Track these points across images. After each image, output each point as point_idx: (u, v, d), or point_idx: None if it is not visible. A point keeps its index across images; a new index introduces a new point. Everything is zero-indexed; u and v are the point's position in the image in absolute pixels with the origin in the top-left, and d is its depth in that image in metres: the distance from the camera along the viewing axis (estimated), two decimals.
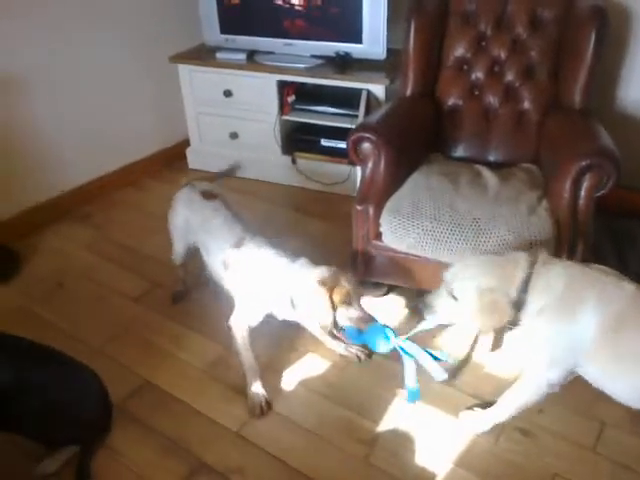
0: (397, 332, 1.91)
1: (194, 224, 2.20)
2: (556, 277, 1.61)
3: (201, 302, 2.50)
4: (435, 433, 1.91)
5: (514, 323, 1.68)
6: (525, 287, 1.62)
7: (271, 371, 2.14)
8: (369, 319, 1.86)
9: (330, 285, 1.81)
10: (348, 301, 1.82)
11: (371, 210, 2.23)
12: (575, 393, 2.02)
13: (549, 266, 1.64)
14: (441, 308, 1.76)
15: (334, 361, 2.18)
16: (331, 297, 1.81)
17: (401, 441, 1.88)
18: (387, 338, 1.88)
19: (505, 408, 1.83)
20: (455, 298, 1.70)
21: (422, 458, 1.82)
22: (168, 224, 2.34)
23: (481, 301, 1.63)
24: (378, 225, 2.20)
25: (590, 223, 2.10)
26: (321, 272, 1.85)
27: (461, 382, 2.08)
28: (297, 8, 3.10)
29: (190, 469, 1.81)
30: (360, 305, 1.87)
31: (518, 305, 1.63)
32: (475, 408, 1.93)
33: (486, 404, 1.92)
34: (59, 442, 1.79)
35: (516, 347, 2.20)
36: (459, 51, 2.64)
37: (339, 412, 1.98)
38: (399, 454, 1.84)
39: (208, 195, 2.23)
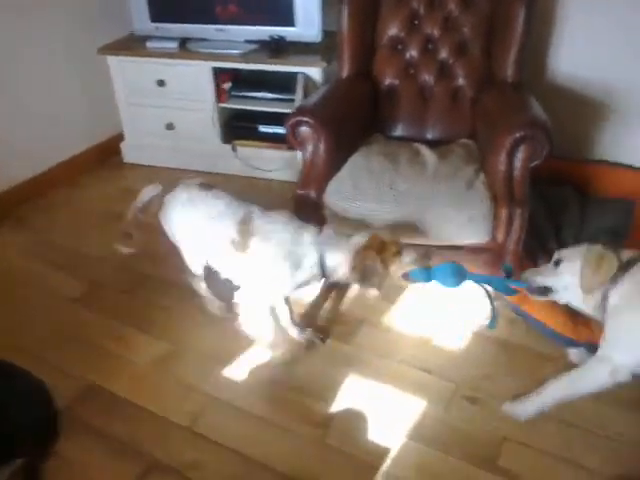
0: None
1: (199, 219, 2.06)
2: None
3: (145, 299, 2.44)
4: (387, 409, 1.93)
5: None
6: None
7: (219, 362, 2.12)
8: (427, 252, 1.90)
9: (376, 247, 1.82)
10: (397, 251, 1.84)
11: (313, 194, 2.22)
12: (520, 359, 2.09)
13: None
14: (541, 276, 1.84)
15: (287, 349, 2.16)
16: (382, 257, 1.82)
17: (354, 420, 1.89)
18: (457, 273, 1.87)
19: (556, 394, 1.79)
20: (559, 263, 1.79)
21: (376, 434, 1.84)
22: (169, 235, 2.18)
23: (587, 256, 1.70)
24: (320, 208, 2.20)
25: (526, 193, 2.16)
26: (360, 239, 1.85)
27: (409, 356, 2.11)
28: None
29: (144, 469, 1.77)
30: (409, 246, 1.89)
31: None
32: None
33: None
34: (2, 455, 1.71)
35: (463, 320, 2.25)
36: (393, 30, 2.66)
37: (292, 397, 1.98)
38: (353, 433, 1.85)
39: (205, 186, 2.13)
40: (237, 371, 2.09)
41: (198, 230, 2.05)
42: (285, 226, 1.93)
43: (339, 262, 1.86)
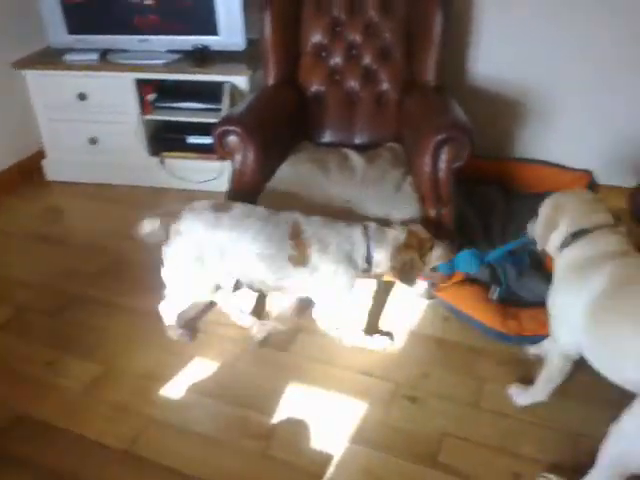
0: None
1: (234, 242, 1.93)
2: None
3: (74, 321, 2.35)
4: (329, 415, 1.93)
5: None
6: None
7: (156, 380, 2.06)
8: (451, 249, 2.03)
9: (415, 243, 1.95)
10: (431, 246, 1.98)
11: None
12: (456, 355, 2.14)
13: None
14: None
15: (222, 361, 2.14)
16: (420, 253, 1.95)
17: (297, 429, 1.88)
18: (476, 258, 2.05)
19: (539, 381, 1.86)
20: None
21: (318, 442, 1.84)
22: (174, 262, 2.01)
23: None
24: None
25: (452, 193, 2.21)
26: (399, 234, 1.97)
27: (348, 360, 2.12)
28: (147, 3, 2.98)
29: None
30: (437, 242, 2.01)
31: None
32: (517, 384, 1.97)
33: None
34: None
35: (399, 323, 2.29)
36: (316, 37, 2.68)
37: (232, 411, 1.95)
38: (296, 442, 1.84)
39: (221, 206, 1.98)
40: (175, 389, 2.03)
41: (234, 254, 1.94)
42: (336, 227, 1.96)
43: (383, 256, 1.97)
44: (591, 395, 1.92)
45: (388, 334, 2.20)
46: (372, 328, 2.23)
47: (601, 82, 2.82)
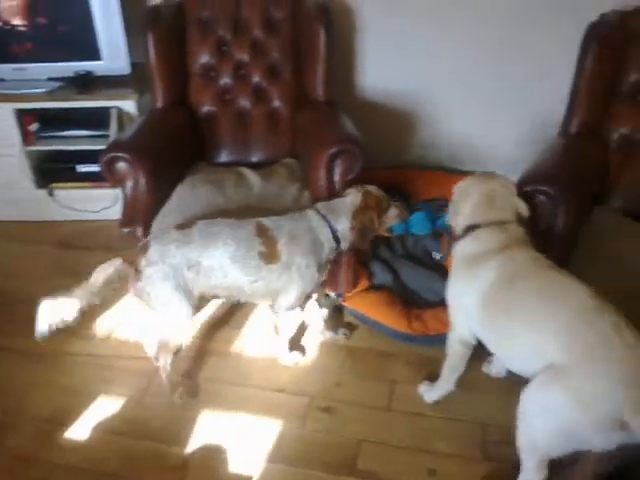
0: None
1: (197, 257, 1.88)
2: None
3: None
4: (245, 436, 1.90)
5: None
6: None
7: (58, 424, 1.95)
8: (406, 209, 2.15)
9: (372, 204, 2.03)
10: (388, 205, 2.08)
11: (140, 230, 2.14)
12: (366, 362, 2.18)
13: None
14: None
15: (129, 396, 2.05)
16: (378, 213, 2.05)
17: (213, 455, 1.84)
18: (428, 220, 2.23)
19: (444, 372, 1.92)
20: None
21: (236, 465, 1.81)
22: (154, 302, 1.89)
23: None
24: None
25: None
26: (355, 197, 2.04)
27: (260, 379, 2.11)
28: (21, 29, 2.84)
29: None
30: (392, 201, 2.11)
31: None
32: (425, 382, 2.03)
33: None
34: None
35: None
36: (203, 58, 2.66)
37: (144, 446, 1.87)
38: (213, 469, 1.80)
39: (184, 225, 1.94)
40: (80, 431, 1.93)
41: (209, 266, 1.89)
42: (292, 218, 2.00)
43: (346, 225, 2.02)
44: (496, 385, 2.03)
45: (299, 348, 2.21)
46: (292, 343, 2.22)
47: (481, 88, 3.00)
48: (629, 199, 2.25)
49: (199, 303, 2.02)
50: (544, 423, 1.43)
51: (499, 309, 1.60)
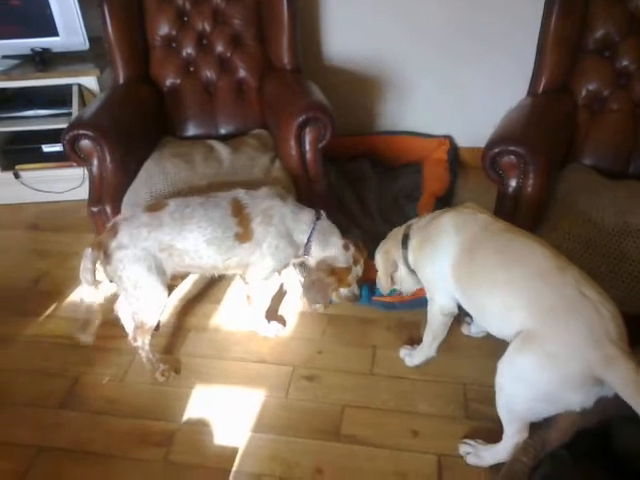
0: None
1: (169, 240, 1.85)
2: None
3: None
4: (229, 409, 1.91)
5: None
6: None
7: (41, 407, 1.93)
8: (356, 298, 2.10)
9: (338, 274, 2.00)
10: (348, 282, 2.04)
11: (109, 209, 2.10)
12: (347, 329, 2.20)
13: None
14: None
15: (111, 375, 2.04)
16: (338, 285, 2.02)
17: (197, 428, 1.85)
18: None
19: (426, 340, 1.96)
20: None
21: (222, 437, 1.82)
22: (130, 280, 1.85)
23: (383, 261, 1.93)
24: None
25: (321, 172, 2.25)
26: (340, 253, 2.01)
27: (242, 352, 2.11)
28: None
29: None
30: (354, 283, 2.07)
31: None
32: (406, 346, 2.07)
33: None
34: None
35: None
36: (163, 29, 2.59)
37: (128, 424, 1.87)
38: (198, 442, 1.80)
39: (154, 207, 1.89)
40: (63, 412, 1.91)
41: (182, 248, 1.86)
42: (282, 202, 1.96)
43: (318, 253, 2.00)
44: (475, 346, 2.07)
45: (279, 319, 2.21)
46: (269, 314, 2.22)
47: (446, 52, 2.98)
48: (597, 156, 2.27)
49: (173, 281, 2.00)
50: (521, 390, 1.45)
51: (465, 279, 1.63)
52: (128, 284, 1.85)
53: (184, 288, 2.41)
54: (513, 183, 1.97)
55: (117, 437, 1.83)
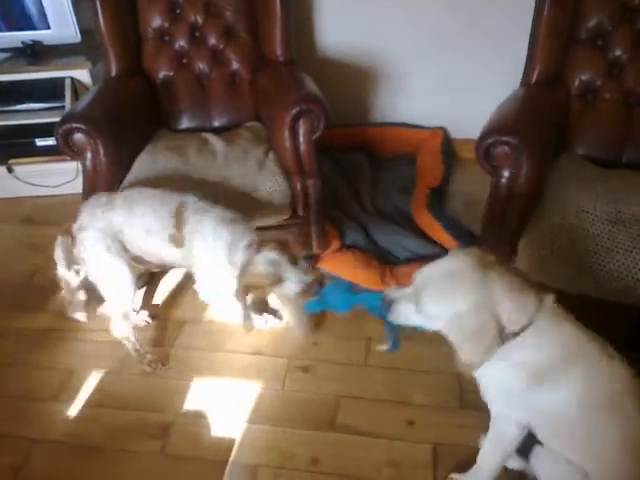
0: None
1: (119, 223, 1.86)
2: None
3: None
4: (225, 401, 1.92)
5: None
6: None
7: (36, 400, 1.94)
8: (309, 289, 1.76)
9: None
10: (264, 285, 1.73)
11: None
12: (342, 321, 2.20)
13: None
14: (405, 316, 1.41)
15: (107, 368, 2.05)
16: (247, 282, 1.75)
17: (194, 420, 1.86)
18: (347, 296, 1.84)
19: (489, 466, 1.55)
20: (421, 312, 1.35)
21: (218, 429, 1.83)
22: (92, 262, 1.89)
23: (460, 330, 1.29)
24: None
25: (315, 164, 2.23)
26: (242, 254, 1.76)
27: (238, 344, 2.12)
28: None
29: None
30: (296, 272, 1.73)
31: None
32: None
33: None
34: None
35: None
36: (155, 22, 2.57)
37: (125, 417, 1.88)
38: (195, 434, 1.82)
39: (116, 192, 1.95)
40: (59, 406, 1.92)
41: (130, 234, 1.87)
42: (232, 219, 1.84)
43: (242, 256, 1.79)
44: None
45: (275, 312, 2.22)
46: (261, 307, 2.22)
47: (440, 43, 2.97)
48: (591, 146, 2.27)
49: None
50: None
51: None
52: (91, 266, 1.89)
53: (178, 281, 2.41)
54: (506, 173, 1.97)
55: (114, 430, 1.84)
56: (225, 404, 1.91)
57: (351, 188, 2.90)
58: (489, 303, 1.25)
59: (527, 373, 1.31)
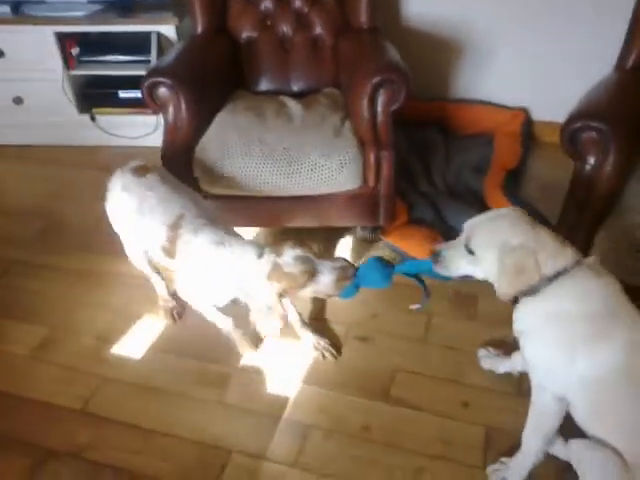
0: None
1: (132, 212, 1.82)
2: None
3: (13, 286, 2.28)
4: (282, 360, 1.97)
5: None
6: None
7: (105, 341, 2.05)
8: (347, 268, 1.62)
9: (277, 277, 1.58)
10: (311, 275, 1.58)
11: (181, 157, 2.14)
12: (403, 295, 2.18)
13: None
14: (455, 264, 1.46)
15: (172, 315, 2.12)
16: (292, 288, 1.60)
17: (252, 375, 1.91)
18: (381, 266, 1.66)
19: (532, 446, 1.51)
20: (472, 253, 1.41)
21: (273, 386, 1.88)
22: (112, 225, 1.96)
23: (505, 261, 1.34)
24: (190, 171, 2.13)
25: (391, 136, 2.20)
26: (265, 264, 1.59)
27: (300, 309, 2.12)
28: None
29: (36, 460, 1.68)
30: (326, 264, 1.60)
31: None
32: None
33: None
34: None
35: None
36: None
37: (186, 364, 1.96)
38: (251, 388, 1.87)
39: (141, 170, 1.87)
40: (125, 347, 2.03)
41: (132, 224, 1.85)
42: (216, 231, 1.71)
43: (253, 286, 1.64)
44: None
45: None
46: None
47: (528, 22, 2.85)
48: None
49: None
50: None
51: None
52: (114, 225, 1.96)
53: None
54: (592, 161, 1.89)
55: (176, 375, 1.93)
56: (282, 364, 1.95)
57: (423, 163, 2.86)
58: (532, 246, 1.33)
59: (563, 326, 1.33)
